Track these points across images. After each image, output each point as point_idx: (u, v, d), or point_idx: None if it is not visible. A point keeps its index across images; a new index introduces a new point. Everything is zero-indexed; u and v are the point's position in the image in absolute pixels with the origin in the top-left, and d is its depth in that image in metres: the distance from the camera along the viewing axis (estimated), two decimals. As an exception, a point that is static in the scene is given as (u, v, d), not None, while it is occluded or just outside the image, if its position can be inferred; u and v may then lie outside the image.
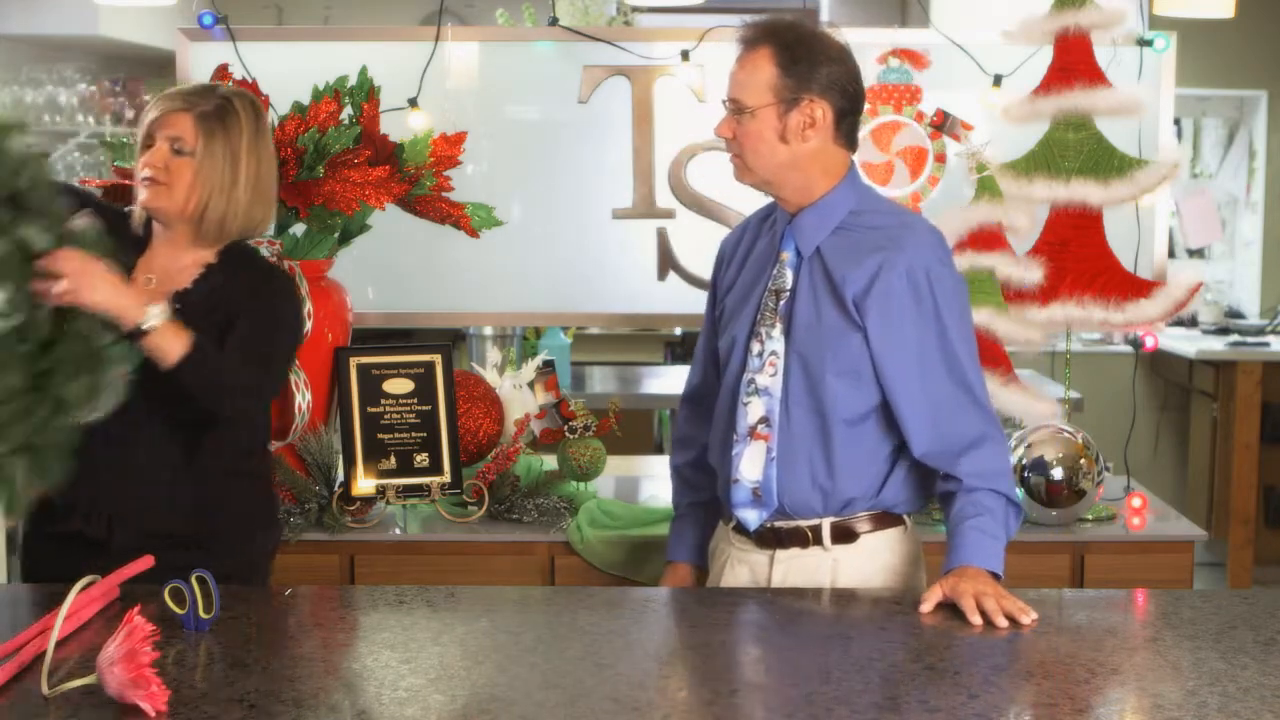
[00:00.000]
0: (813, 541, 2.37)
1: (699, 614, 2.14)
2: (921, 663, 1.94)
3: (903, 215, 2.43)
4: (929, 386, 2.32)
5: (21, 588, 2.45)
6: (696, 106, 3.46)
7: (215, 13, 3.40)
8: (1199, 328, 6.25)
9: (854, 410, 2.33)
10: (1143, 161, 3.09)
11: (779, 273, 2.39)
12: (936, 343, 2.32)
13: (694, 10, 4.33)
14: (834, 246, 2.35)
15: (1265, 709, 1.77)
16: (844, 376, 2.32)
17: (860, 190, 2.40)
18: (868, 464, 2.35)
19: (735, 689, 1.86)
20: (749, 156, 2.35)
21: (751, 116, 2.32)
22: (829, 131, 2.33)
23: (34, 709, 1.73)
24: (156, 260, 2.53)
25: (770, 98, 2.31)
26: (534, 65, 3.50)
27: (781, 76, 2.31)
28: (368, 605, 2.17)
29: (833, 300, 2.33)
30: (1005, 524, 2.30)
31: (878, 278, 2.30)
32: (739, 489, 2.38)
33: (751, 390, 2.37)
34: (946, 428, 2.32)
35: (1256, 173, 6.78)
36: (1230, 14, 4.02)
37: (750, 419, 2.37)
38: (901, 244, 2.31)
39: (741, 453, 2.37)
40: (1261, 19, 6.20)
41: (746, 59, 2.35)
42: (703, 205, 3.48)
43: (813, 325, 2.34)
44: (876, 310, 2.30)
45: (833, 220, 2.36)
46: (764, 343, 2.37)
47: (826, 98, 2.32)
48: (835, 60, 2.34)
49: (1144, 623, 2.22)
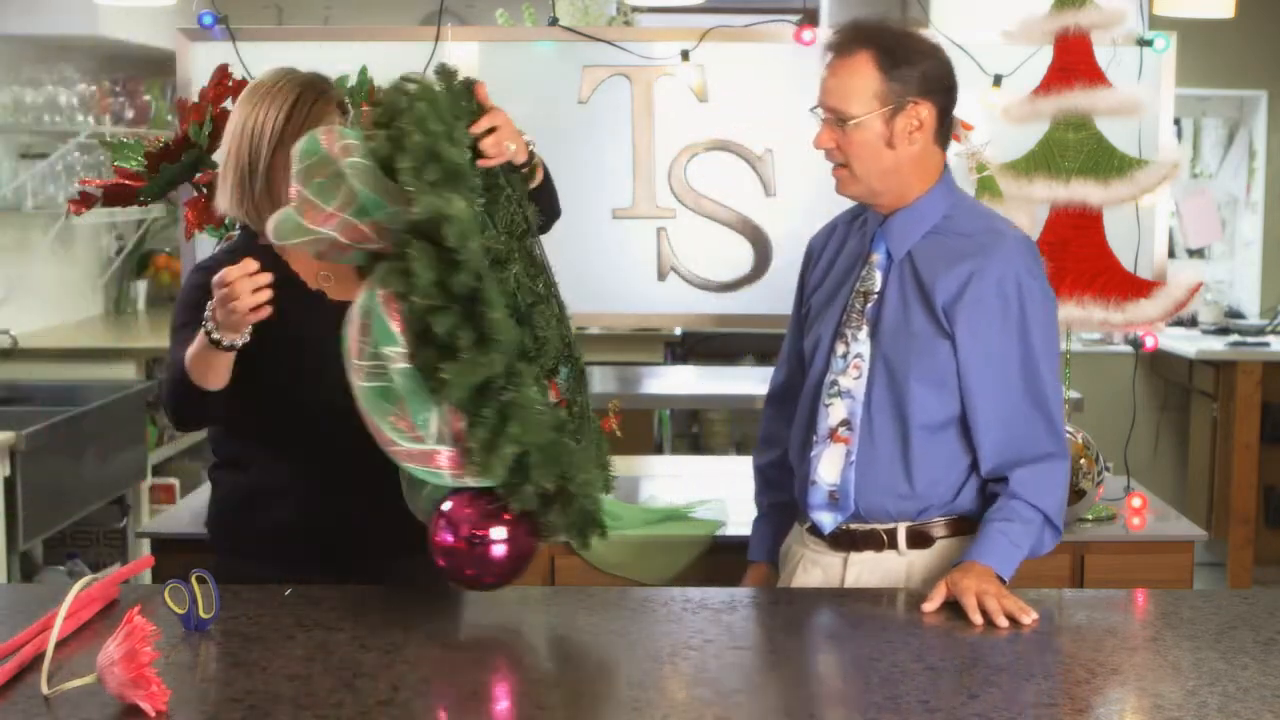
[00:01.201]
0: (888, 545, 2.35)
1: (699, 614, 2.14)
2: (921, 663, 1.94)
3: (994, 221, 2.39)
4: (1006, 400, 2.30)
5: (21, 588, 2.45)
6: (696, 106, 3.46)
7: (215, 13, 3.40)
8: (1199, 328, 6.24)
9: (935, 418, 2.31)
10: (1143, 161, 3.09)
11: (868, 274, 2.36)
12: (1019, 357, 2.30)
13: (694, 10, 4.33)
14: (925, 251, 2.32)
15: (1265, 709, 1.77)
16: (928, 383, 2.30)
17: (953, 193, 2.38)
18: (945, 472, 2.33)
19: (735, 689, 1.86)
20: (856, 165, 2.30)
21: (857, 126, 2.27)
22: (932, 132, 2.31)
23: (34, 709, 1.73)
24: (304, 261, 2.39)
25: (875, 104, 2.27)
26: (534, 65, 3.50)
27: (885, 81, 2.27)
28: (367, 605, 2.17)
29: (922, 306, 2.30)
30: (1033, 539, 2.28)
31: (968, 286, 2.28)
32: (816, 491, 2.36)
33: (834, 392, 2.35)
34: (1015, 442, 2.30)
35: (1256, 173, 6.78)
36: (1230, 14, 4.02)
37: (831, 421, 2.35)
38: (993, 252, 2.29)
39: (820, 454, 2.35)
40: (1261, 19, 6.19)
41: (844, 65, 2.29)
42: (703, 205, 3.48)
43: (900, 330, 2.31)
44: (965, 319, 2.28)
45: (925, 224, 2.33)
46: (849, 344, 2.35)
47: (930, 98, 2.29)
48: (933, 57, 2.31)
49: (1144, 623, 2.22)
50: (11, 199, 5.36)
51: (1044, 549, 2.32)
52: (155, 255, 6.54)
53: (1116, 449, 3.27)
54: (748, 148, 3.47)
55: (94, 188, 2.98)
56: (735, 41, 3.46)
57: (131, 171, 2.96)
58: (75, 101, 5.48)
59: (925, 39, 2.33)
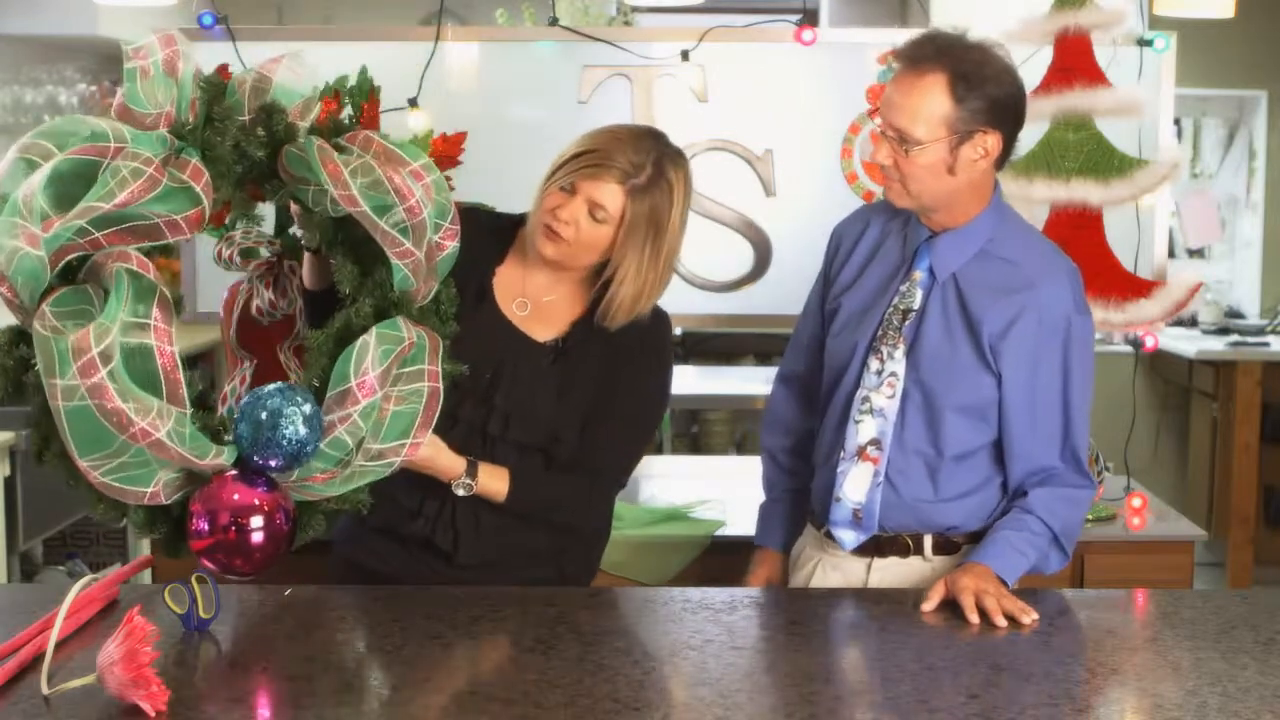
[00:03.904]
0: (913, 551, 2.33)
1: (699, 614, 2.14)
2: (921, 663, 1.94)
3: (1042, 249, 2.35)
4: (1041, 434, 2.29)
5: (21, 588, 2.45)
6: (696, 106, 3.46)
7: (215, 13, 3.40)
8: (1199, 328, 6.24)
9: (968, 445, 2.29)
10: (1143, 161, 3.09)
11: (908, 291, 2.30)
12: (1059, 391, 2.28)
13: (694, 10, 4.33)
14: (971, 276, 2.28)
15: (1265, 709, 1.77)
16: (965, 414, 2.27)
17: (1003, 215, 2.33)
18: (975, 495, 2.32)
19: (735, 689, 1.86)
20: (912, 185, 2.23)
21: (920, 149, 2.19)
22: (995, 160, 2.24)
23: (34, 709, 1.73)
24: (531, 277, 2.40)
25: (942, 131, 2.19)
26: (534, 65, 3.50)
27: (956, 109, 2.18)
28: (367, 605, 2.17)
29: (968, 337, 2.27)
30: (1039, 552, 2.26)
31: (1015, 323, 2.24)
32: (840, 508, 2.32)
33: (865, 409, 2.30)
34: (1043, 473, 2.30)
35: (1256, 173, 6.78)
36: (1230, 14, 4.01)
37: (861, 439, 2.30)
38: (1042, 287, 2.26)
39: (847, 471, 2.31)
40: (1261, 19, 6.19)
41: (914, 85, 2.20)
42: (703, 205, 3.47)
43: (941, 356, 2.27)
44: (1012, 356, 2.25)
45: (973, 247, 2.28)
46: (884, 362, 2.30)
47: (999, 126, 2.21)
48: (1006, 82, 2.22)
49: (1144, 623, 2.22)
50: (11, 199, 5.34)
51: (1049, 568, 2.30)
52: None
53: (1116, 449, 3.27)
54: (748, 148, 3.47)
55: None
56: (735, 41, 3.46)
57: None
58: (75, 101, 5.48)
59: (1001, 61, 2.23)
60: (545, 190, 2.32)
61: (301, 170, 2.13)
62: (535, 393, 2.34)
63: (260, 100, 2.14)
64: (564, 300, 2.39)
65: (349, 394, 2.07)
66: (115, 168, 2.00)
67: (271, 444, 2.02)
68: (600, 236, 2.29)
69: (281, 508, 2.07)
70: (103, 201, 1.98)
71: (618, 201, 2.27)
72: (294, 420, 2.02)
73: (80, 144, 2.01)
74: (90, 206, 1.98)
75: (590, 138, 2.32)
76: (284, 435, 2.02)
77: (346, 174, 2.09)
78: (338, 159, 2.10)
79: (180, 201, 2.07)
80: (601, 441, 2.36)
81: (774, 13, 3.46)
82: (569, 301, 2.40)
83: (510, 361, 2.32)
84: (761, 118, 3.46)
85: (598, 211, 2.27)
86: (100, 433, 1.95)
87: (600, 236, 2.29)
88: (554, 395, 2.35)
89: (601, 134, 2.33)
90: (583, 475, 2.37)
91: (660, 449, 5.46)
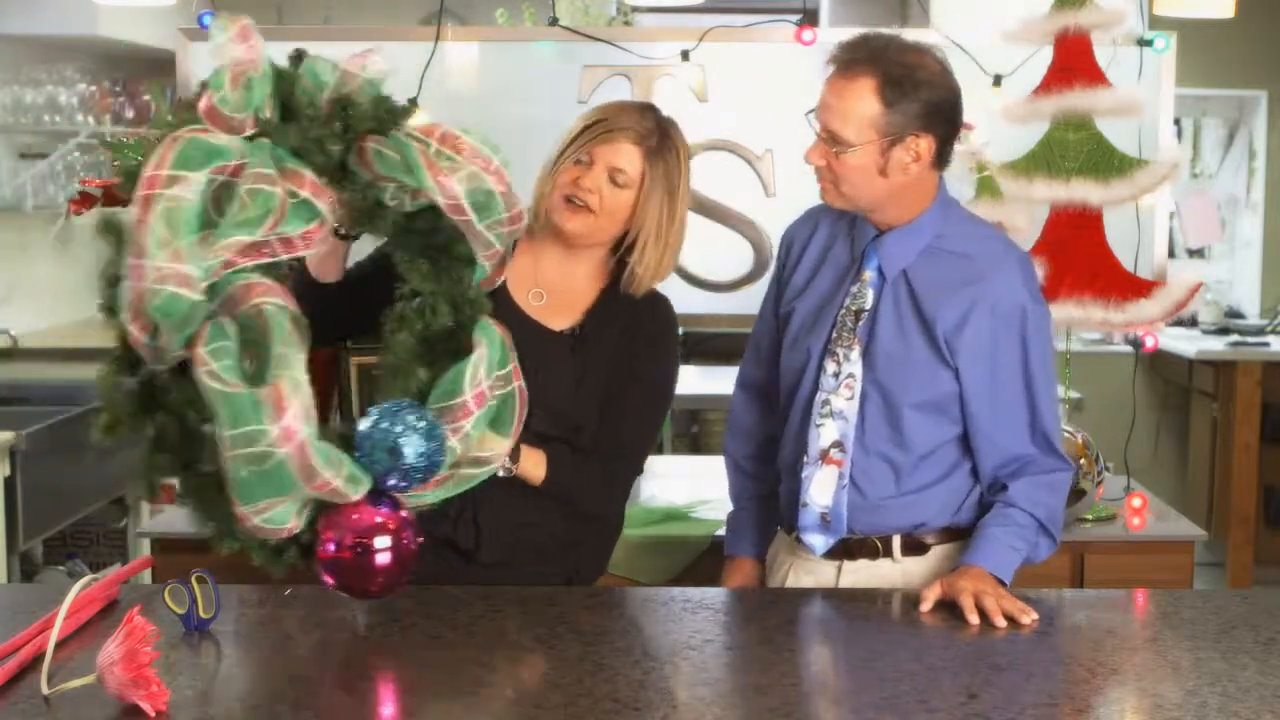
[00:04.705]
0: (882, 553, 2.33)
1: (699, 614, 2.14)
2: (920, 663, 1.94)
3: (991, 241, 2.35)
4: (1008, 425, 2.29)
5: (21, 588, 2.45)
6: (697, 106, 3.46)
7: (215, 13, 3.39)
8: (1199, 328, 6.25)
9: (930, 442, 2.29)
10: (1143, 161, 3.08)
11: (859, 292, 2.30)
12: (1021, 382, 2.28)
13: (694, 10, 4.33)
14: (921, 272, 2.28)
15: (1265, 709, 1.77)
16: (925, 410, 2.27)
17: (949, 211, 2.32)
18: (942, 490, 2.32)
19: (735, 689, 1.86)
20: (844, 186, 2.24)
21: (850, 151, 2.20)
22: (929, 162, 2.23)
23: (34, 709, 1.73)
24: (542, 265, 2.41)
25: (872, 134, 2.18)
26: (534, 65, 3.50)
27: (886, 113, 2.17)
28: (367, 605, 2.17)
29: (922, 334, 2.27)
30: (1029, 544, 2.27)
31: (970, 315, 2.24)
32: (807, 513, 2.32)
33: (825, 412, 2.30)
34: (1016, 463, 2.30)
35: (1256, 173, 6.78)
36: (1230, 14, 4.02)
37: (823, 442, 2.30)
38: (994, 278, 2.26)
39: (812, 476, 2.31)
40: (1261, 19, 6.19)
41: (845, 88, 2.20)
42: (703, 205, 3.48)
43: (896, 355, 2.27)
44: (968, 349, 2.25)
45: (919, 243, 2.28)
46: (840, 364, 2.29)
47: (931, 130, 2.20)
48: (939, 86, 2.21)
49: (1144, 623, 2.22)
50: (11, 199, 5.36)
51: (1039, 556, 2.30)
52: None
53: (1116, 449, 3.27)
54: (748, 148, 3.47)
55: (94, 188, 2.97)
56: (735, 41, 3.46)
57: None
58: (75, 101, 5.48)
59: (934, 63, 2.22)
60: (558, 169, 2.35)
61: (394, 171, 2.05)
62: (557, 383, 2.35)
63: (335, 92, 2.08)
64: (580, 282, 2.41)
65: (462, 407, 2.04)
66: (253, 192, 1.95)
67: (400, 469, 2.00)
68: (623, 203, 2.33)
69: (409, 524, 2.06)
70: (247, 233, 1.94)
71: (636, 164, 2.32)
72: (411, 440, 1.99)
73: (206, 166, 1.95)
74: (238, 240, 1.94)
75: (595, 111, 2.38)
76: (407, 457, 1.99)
77: (455, 184, 2.02)
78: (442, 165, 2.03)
79: (300, 219, 2.02)
80: (621, 427, 2.38)
81: (774, 13, 3.46)
82: (586, 283, 2.41)
83: (529, 355, 2.30)
84: (761, 118, 3.46)
85: (618, 176, 2.31)
86: (277, 482, 1.92)
87: (623, 203, 2.33)
88: (573, 385, 2.36)
89: (605, 107, 2.39)
90: (604, 461, 2.38)
91: (660, 449, 5.46)
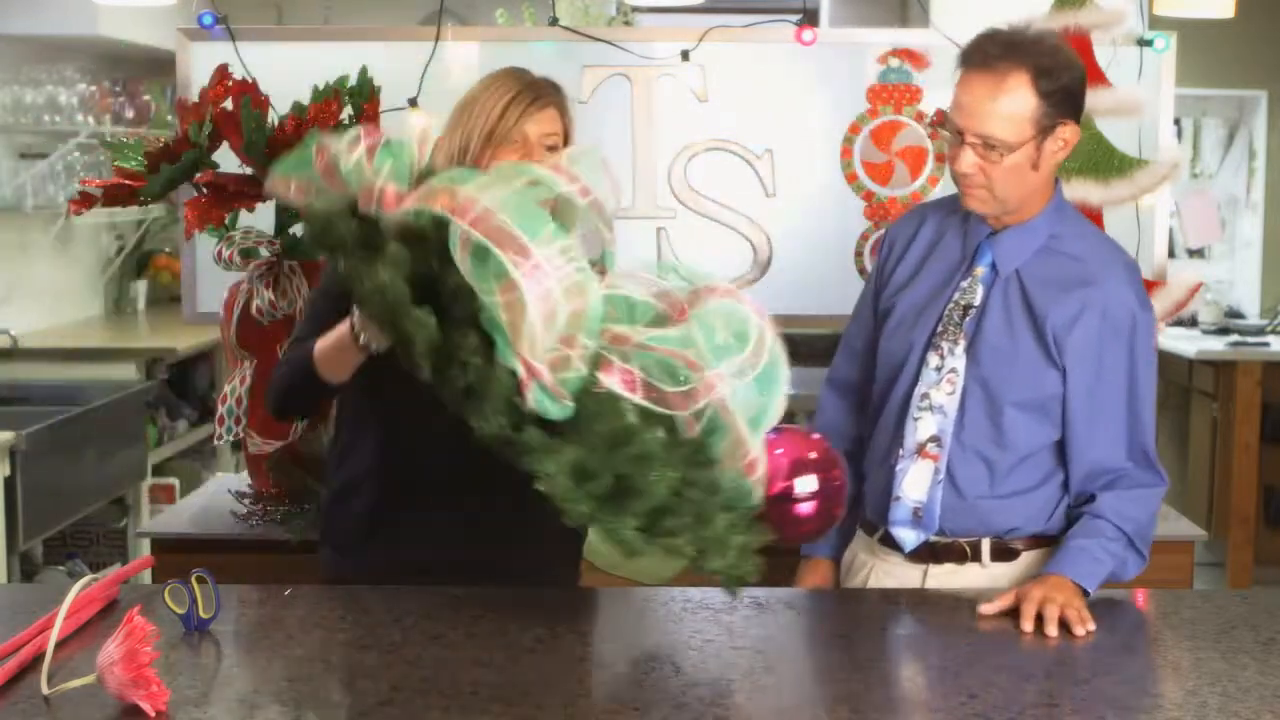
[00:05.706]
0: (970, 558, 2.29)
1: (700, 614, 2.14)
2: (922, 663, 1.94)
3: (1100, 242, 2.33)
4: (1107, 432, 2.25)
5: (21, 588, 2.45)
6: (696, 106, 3.46)
7: (215, 13, 3.40)
8: (1199, 328, 6.25)
9: (1031, 443, 2.25)
10: (1143, 161, 3.09)
11: (969, 287, 2.27)
12: (1125, 389, 2.25)
13: (694, 10, 4.33)
14: (1034, 271, 2.25)
15: (1265, 709, 1.77)
16: (1026, 410, 2.24)
17: (1063, 210, 2.30)
18: (1037, 496, 2.28)
19: (735, 689, 1.86)
20: (998, 189, 2.18)
21: (1012, 153, 2.14)
22: (1070, 149, 2.20)
23: (34, 709, 1.73)
24: None
25: (1030, 131, 2.13)
26: (534, 65, 3.47)
27: (1041, 105, 2.12)
28: (368, 605, 2.17)
29: (1031, 331, 2.24)
30: (1115, 558, 2.21)
31: (1080, 318, 2.21)
32: (899, 507, 2.28)
33: (924, 405, 2.27)
34: (1111, 472, 2.26)
35: (1256, 173, 6.78)
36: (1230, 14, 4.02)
37: (920, 435, 2.27)
38: (1104, 281, 2.23)
39: (906, 469, 2.27)
40: (1261, 19, 6.19)
41: (998, 87, 2.13)
42: (703, 205, 3.48)
43: (1003, 351, 2.24)
44: (1077, 351, 2.22)
45: (1035, 242, 2.25)
46: (944, 358, 2.26)
47: (1074, 115, 2.17)
48: (1076, 66, 2.17)
49: (1144, 623, 2.22)
50: (11, 199, 5.36)
51: (1127, 573, 2.25)
52: (155, 255, 6.54)
53: (1116, 449, 3.26)
54: (748, 148, 3.47)
55: (94, 188, 2.98)
56: (735, 41, 3.46)
57: (131, 171, 2.96)
58: (75, 101, 5.48)
59: (1065, 45, 2.18)
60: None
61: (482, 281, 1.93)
62: None
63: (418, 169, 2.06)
64: None
65: None
66: None
67: None
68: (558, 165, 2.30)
69: None
70: None
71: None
72: None
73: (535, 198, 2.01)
74: None
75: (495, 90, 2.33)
76: None
77: None
78: None
79: None
80: None
81: (774, 13, 3.46)
82: None
83: None
84: (761, 118, 3.46)
85: (550, 139, 2.32)
86: None
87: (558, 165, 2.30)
88: None
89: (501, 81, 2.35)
90: None
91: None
